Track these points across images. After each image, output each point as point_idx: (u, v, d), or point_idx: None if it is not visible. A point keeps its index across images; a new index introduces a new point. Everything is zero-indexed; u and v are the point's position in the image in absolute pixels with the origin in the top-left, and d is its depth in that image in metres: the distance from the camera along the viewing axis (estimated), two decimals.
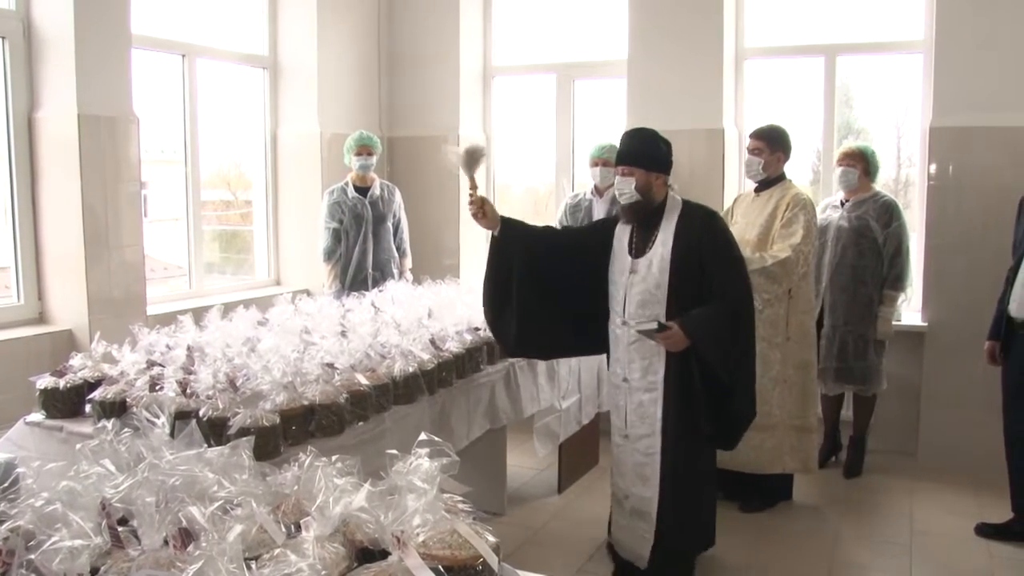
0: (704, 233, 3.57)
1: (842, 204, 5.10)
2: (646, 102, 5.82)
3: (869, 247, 4.97)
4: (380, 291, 4.65)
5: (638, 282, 3.62)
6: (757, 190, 4.73)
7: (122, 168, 4.64)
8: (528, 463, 5.32)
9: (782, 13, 5.91)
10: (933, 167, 5.28)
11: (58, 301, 4.60)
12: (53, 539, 1.27)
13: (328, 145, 6.03)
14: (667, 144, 3.70)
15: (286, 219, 6.20)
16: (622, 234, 3.74)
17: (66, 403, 3.18)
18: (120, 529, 1.42)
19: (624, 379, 3.74)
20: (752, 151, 4.65)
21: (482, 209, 3.69)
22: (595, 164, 5.37)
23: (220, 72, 5.83)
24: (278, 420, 2.78)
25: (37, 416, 3.20)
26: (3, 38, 4.42)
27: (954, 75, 5.18)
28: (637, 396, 3.70)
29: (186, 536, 1.40)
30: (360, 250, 5.51)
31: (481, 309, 3.95)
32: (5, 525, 1.41)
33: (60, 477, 1.55)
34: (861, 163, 5.01)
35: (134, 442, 1.71)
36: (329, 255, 5.54)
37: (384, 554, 1.40)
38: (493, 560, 1.43)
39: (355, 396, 3.12)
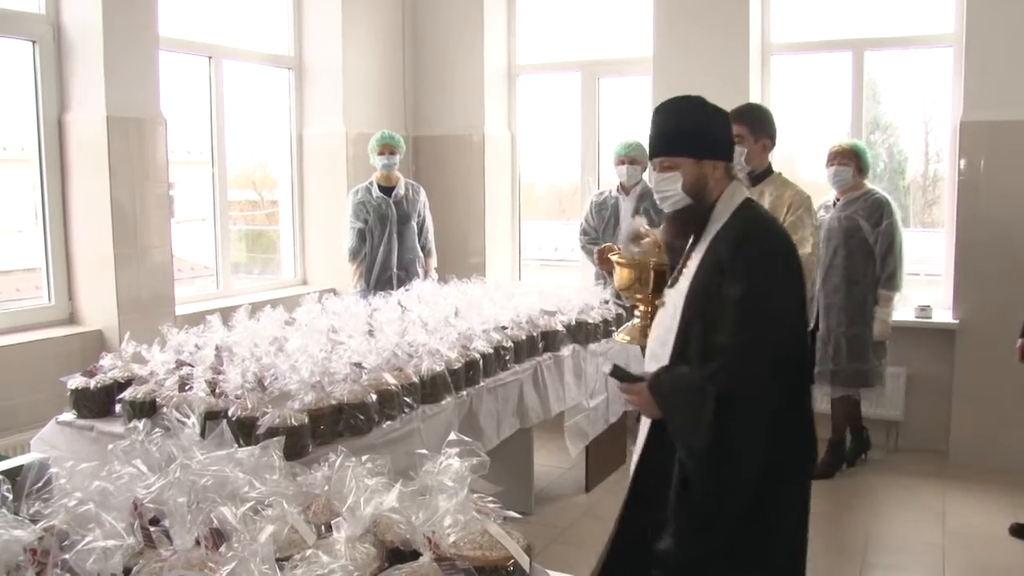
0: (727, 262, 2.36)
1: (835, 203, 5.03)
2: None
3: (859, 246, 4.90)
4: (406, 290, 4.66)
5: (662, 318, 2.59)
6: (751, 184, 3.85)
7: (150, 169, 4.67)
8: (555, 462, 5.31)
9: (809, 8, 5.86)
10: (963, 162, 5.22)
11: (88, 302, 4.64)
12: (87, 539, 1.27)
13: (353, 145, 6.05)
14: (722, 115, 2.56)
15: (312, 219, 6.22)
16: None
17: (97, 403, 3.20)
18: (152, 529, 1.42)
19: None
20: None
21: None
22: (621, 163, 5.35)
23: (246, 73, 5.85)
24: (307, 420, 2.78)
25: (68, 416, 3.22)
26: (33, 42, 4.47)
27: (985, 69, 5.11)
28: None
29: (218, 536, 1.40)
30: (385, 249, 5.52)
31: (505, 306, 3.98)
32: (39, 525, 1.42)
33: (92, 477, 1.56)
34: (854, 161, 4.93)
35: (165, 442, 1.72)
36: (354, 255, 5.56)
37: (415, 555, 1.40)
38: (525, 561, 1.42)
39: (383, 395, 3.12)
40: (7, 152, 4.86)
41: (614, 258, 3.04)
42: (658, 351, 2.50)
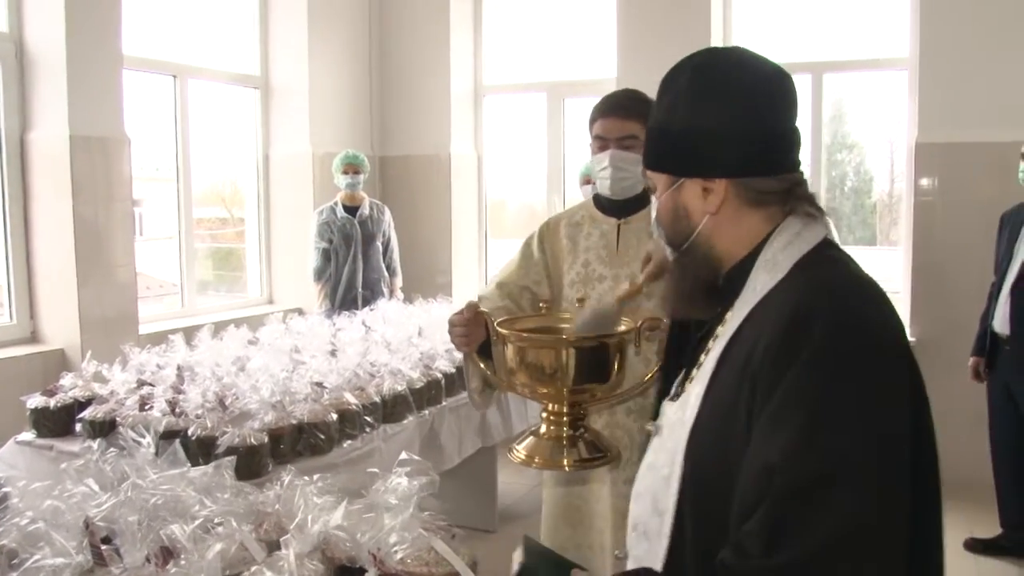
0: (761, 364, 1.20)
1: None
2: None
3: None
4: (371, 310, 4.68)
5: (649, 462, 1.44)
6: (620, 214, 2.50)
7: (114, 188, 4.67)
8: (519, 480, 5.34)
9: (769, 31, 5.97)
10: (918, 183, 5.33)
11: (50, 321, 4.62)
12: (35, 557, 1.29)
13: (320, 164, 6.07)
14: (750, 90, 1.35)
15: (278, 238, 6.23)
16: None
17: (57, 422, 3.20)
18: (104, 548, 1.44)
19: None
20: (622, 141, 2.39)
21: None
22: (586, 182, 5.41)
23: (212, 92, 5.87)
24: (266, 439, 2.80)
25: (28, 435, 3.22)
26: None
27: (938, 91, 5.23)
28: None
29: (167, 554, 1.42)
30: (349, 269, 5.54)
31: None
32: None
33: (45, 496, 1.57)
34: None
35: (119, 462, 1.74)
36: (319, 275, 5.57)
37: (362, 571, 1.43)
38: (469, 575, 1.46)
39: (344, 415, 3.14)
40: None
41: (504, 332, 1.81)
42: (646, 520, 1.39)
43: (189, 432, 2.79)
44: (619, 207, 2.49)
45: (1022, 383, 4.08)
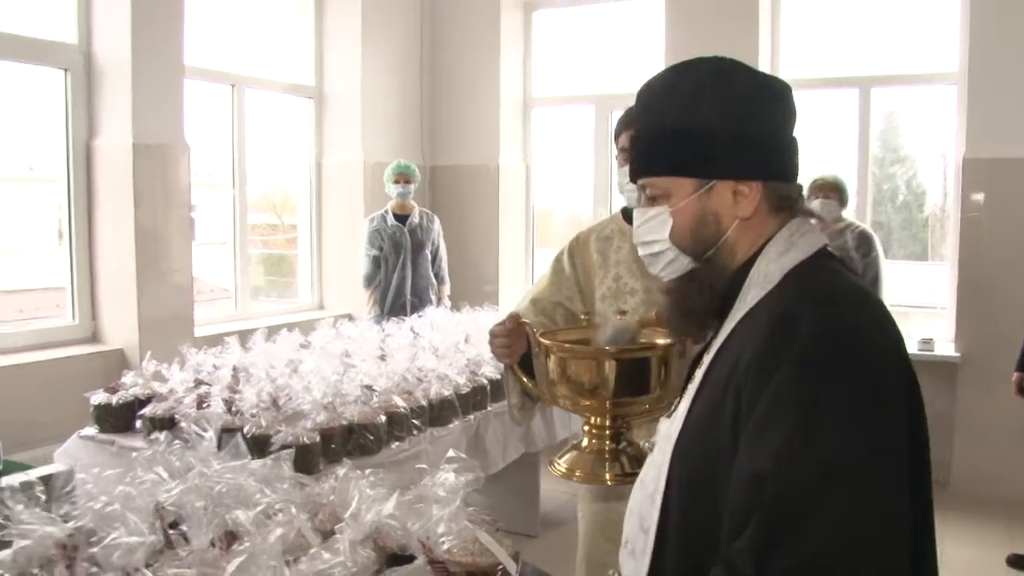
0: (745, 374, 1.19)
1: None
2: None
3: None
4: (419, 316, 4.79)
5: (642, 479, 1.43)
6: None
7: (173, 194, 4.84)
8: (561, 487, 5.40)
9: (816, 45, 6.00)
10: (966, 198, 5.32)
11: (111, 321, 4.79)
12: (112, 535, 1.40)
13: (371, 173, 6.21)
14: (766, 89, 1.37)
15: (329, 245, 6.38)
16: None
17: (118, 418, 3.34)
18: (171, 532, 1.55)
19: None
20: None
21: None
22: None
23: (268, 101, 6.03)
24: (318, 438, 2.91)
25: (90, 430, 3.36)
26: (65, 70, 4.66)
27: (987, 107, 5.22)
28: None
29: (231, 538, 1.52)
30: (399, 276, 5.66)
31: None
32: (69, 524, 1.55)
33: (117, 482, 1.69)
34: (836, 194, 5.03)
35: (184, 453, 1.85)
36: (368, 281, 5.70)
37: (411, 559, 1.52)
38: (512, 566, 1.54)
39: (393, 417, 3.24)
40: (34, 172, 5.06)
41: (544, 342, 1.85)
42: (634, 538, 1.37)
43: (244, 430, 2.91)
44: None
45: None
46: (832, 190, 5.01)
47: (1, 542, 1.56)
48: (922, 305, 5.85)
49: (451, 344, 4.19)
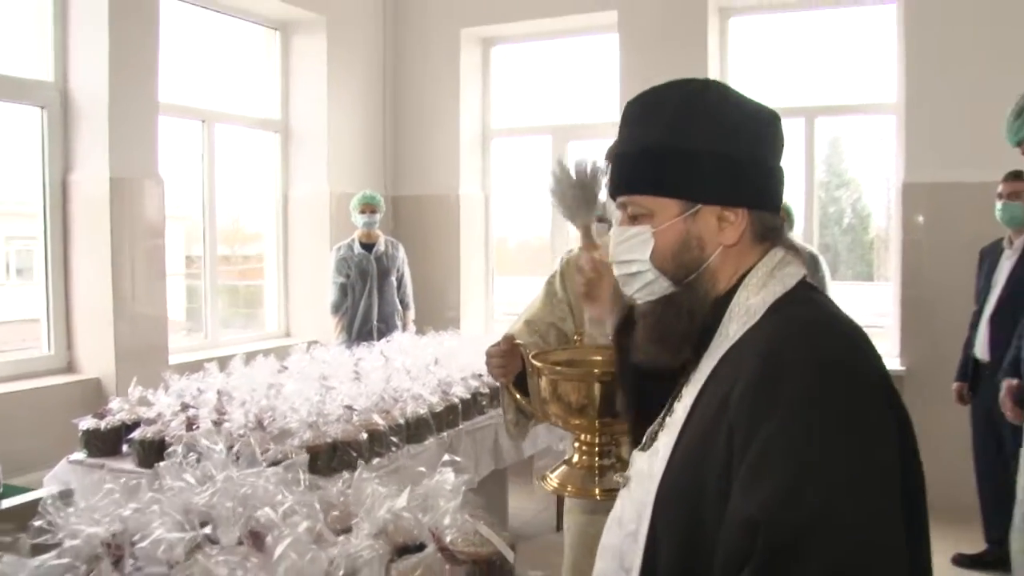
0: (741, 402, 1.17)
1: None
2: None
3: None
4: (387, 341, 4.95)
5: (617, 516, 1.41)
6: None
7: (148, 227, 4.97)
8: (528, 504, 5.58)
9: (763, 77, 6.31)
10: (907, 221, 5.64)
11: (86, 352, 4.89)
12: (156, 533, 1.56)
13: (336, 203, 6.37)
14: (757, 117, 1.36)
15: (296, 274, 6.52)
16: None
17: (106, 442, 3.45)
18: (202, 531, 1.71)
19: None
20: None
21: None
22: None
23: (236, 135, 6.18)
24: (306, 455, 3.06)
25: (79, 455, 3.47)
26: (42, 107, 4.78)
27: (924, 134, 5.56)
28: None
29: (255, 536, 1.69)
30: (366, 303, 5.83)
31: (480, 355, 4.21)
32: (101, 528, 1.70)
33: (144, 490, 1.85)
34: (784, 219, 5.29)
35: (200, 463, 2.01)
36: (336, 308, 5.86)
37: (420, 548, 1.70)
38: (509, 554, 1.73)
39: (373, 435, 3.41)
40: (8, 207, 5.16)
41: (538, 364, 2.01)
42: (609, 574, 1.37)
43: (234, 449, 3.05)
44: None
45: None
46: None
47: (43, 546, 1.71)
48: (869, 324, 6.15)
49: (422, 366, 4.37)
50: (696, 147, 1.29)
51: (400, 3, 6.98)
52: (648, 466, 1.31)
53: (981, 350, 4.35)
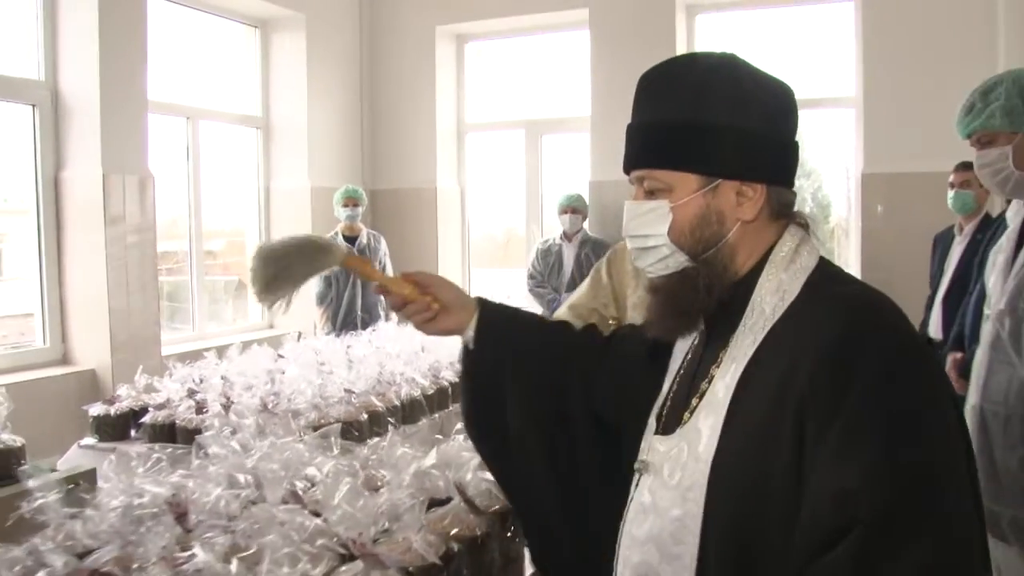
0: (816, 381, 1.15)
1: None
2: (608, 156, 6.42)
3: None
4: (373, 330, 5.14)
5: (647, 504, 1.35)
6: None
7: (140, 222, 5.12)
8: None
9: None
10: (866, 210, 5.94)
11: (81, 344, 5.03)
12: (217, 491, 1.76)
13: (317, 197, 6.55)
14: (777, 93, 1.37)
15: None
16: (675, 361, 1.48)
17: (116, 427, 3.62)
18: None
19: None
20: None
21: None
22: (564, 212, 5.94)
23: (218, 132, 6.33)
24: (338, 424, 3.25)
25: (90, 440, 3.64)
26: (33, 106, 4.91)
27: (881, 127, 5.85)
28: None
29: (296, 497, 1.90)
30: (350, 294, 6.01)
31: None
32: (164, 488, 1.90)
33: (183, 462, 2.05)
34: None
35: (234, 436, 2.21)
36: (321, 299, 6.04)
37: (447, 500, 1.91)
38: None
39: (372, 415, 3.61)
40: (7, 204, 5.29)
41: None
42: (656, 567, 1.31)
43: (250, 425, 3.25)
44: None
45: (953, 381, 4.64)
46: None
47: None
48: None
49: (411, 352, 4.57)
50: (716, 121, 1.28)
51: (376, 2, 7.16)
52: (682, 450, 1.28)
53: (935, 329, 4.63)
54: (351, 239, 6.05)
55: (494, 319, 1.66)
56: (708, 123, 1.28)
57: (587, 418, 1.60)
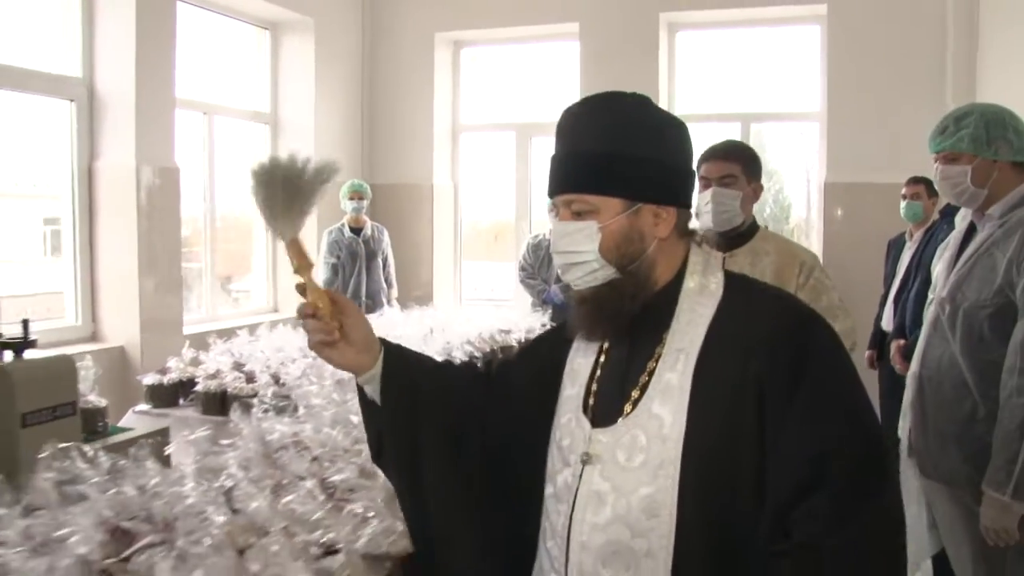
0: (773, 359, 1.41)
1: None
2: None
3: None
4: (380, 315, 5.60)
5: (603, 490, 1.47)
6: (726, 247, 2.87)
7: (167, 210, 5.54)
8: None
9: (705, 86, 7.14)
10: (828, 214, 6.53)
11: (111, 322, 5.43)
12: (326, 430, 2.25)
13: (322, 190, 6.95)
14: (681, 130, 1.57)
15: (283, 253, 7.08)
16: (580, 366, 1.63)
17: (168, 395, 4.07)
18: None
19: None
20: (723, 179, 2.84)
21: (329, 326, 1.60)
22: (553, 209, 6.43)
23: (230, 127, 6.75)
24: None
25: (143, 407, 4.09)
26: (71, 100, 5.30)
27: (843, 140, 6.43)
28: None
29: None
30: (355, 282, 6.48)
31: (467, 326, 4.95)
32: (277, 433, 2.37)
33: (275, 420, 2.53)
34: None
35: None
36: (328, 286, 6.45)
37: None
38: None
39: None
40: (36, 189, 5.68)
41: None
42: (627, 543, 1.43)
43: (293, 396, 3.71)
44: (725, 242, 2.87)
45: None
46: None
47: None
48: None
49: (420, 336, 5.05)
50: (638, 153, 1.47)
51: (379, 8, 7.61)
52: (636, 436, 1.44)
53: (887, 322, 5.20)
54: (356, 230, 6.51)
55: (396, 368, 1.65)
56: (631, 155, 1.47)
57: (483, 448, 1.65)
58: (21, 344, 2.59)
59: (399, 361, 1.65)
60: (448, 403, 1.66)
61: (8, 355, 2.58)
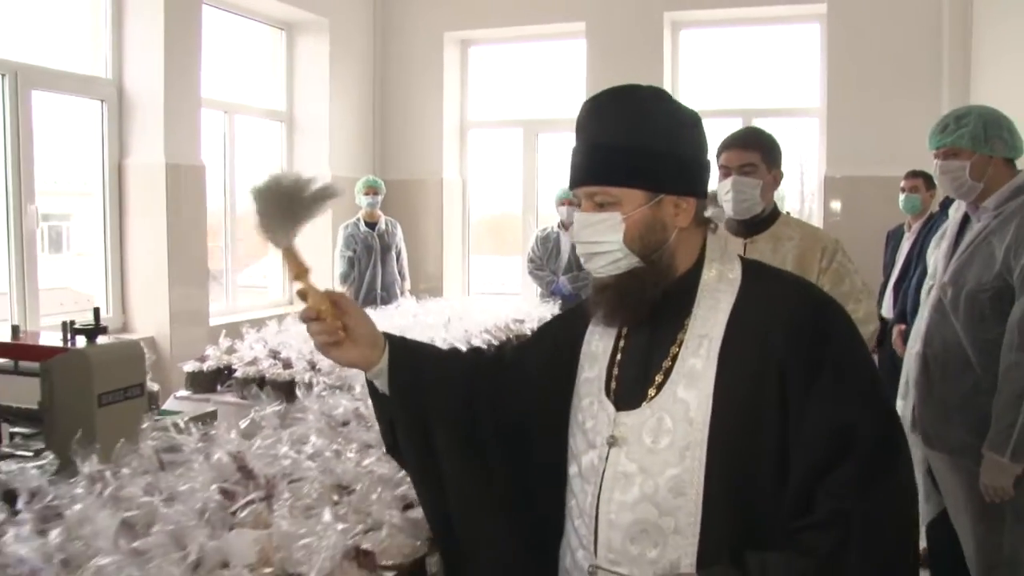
0: (794, 341, 1.46)
1: None
2: None
3: None
4: (397, 306, 5.81)
5: (630, 471, 1.52)
6: (747, 233, 2.96)
7: (194, 206, 5.74)
8: None
9: (708, 82, 7.37)
10: (827, 207, 6.76)
11: (141, 314, 5.65)
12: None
13: (336, 185, 7.16)
14: (696, 120, 1.60)
15: (300, 248, 7.29)
16: (597, 349, 1.68)
17: (207, 381, 4.28)
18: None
19: None
20: (743, 168, 2.85)
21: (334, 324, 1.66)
22: (562, 204, 6.63)
23: (247, 124, 6.94)
24: None
25: (184, 392, 4.30)
26: (101, 101, 5.50)
27: (842, 135, 6.65)
28: None
29: None
30: (371, 274, 6.69)
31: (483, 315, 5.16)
32: (344, 406, 2.59)
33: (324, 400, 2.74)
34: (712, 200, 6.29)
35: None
36: (344, 278, 6.71)
37: None
38: None
39: None
40: (65, 187, 5.88)
41: None
42: (654, 522, 1.49)
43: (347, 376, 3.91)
44: (745, 228, 2.94)
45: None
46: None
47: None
48: None
49: (439, 324, 5.26)
50: (659, 146, 1.51)
51: (390, 9, 7.82)
52: (661, 419, 1.50)
53: (886, 309, 5.43)
54: (371, 224, 6.72)
55: (403, 360, 1.68)
56: (653, 147, 1.51)
57: (496, 429, 1.69)
58: (94, 331, 2.76)
59: (404, 352, 1.69)
60: (457, 388, 1.70)
61: (81, 340, 2.74)
